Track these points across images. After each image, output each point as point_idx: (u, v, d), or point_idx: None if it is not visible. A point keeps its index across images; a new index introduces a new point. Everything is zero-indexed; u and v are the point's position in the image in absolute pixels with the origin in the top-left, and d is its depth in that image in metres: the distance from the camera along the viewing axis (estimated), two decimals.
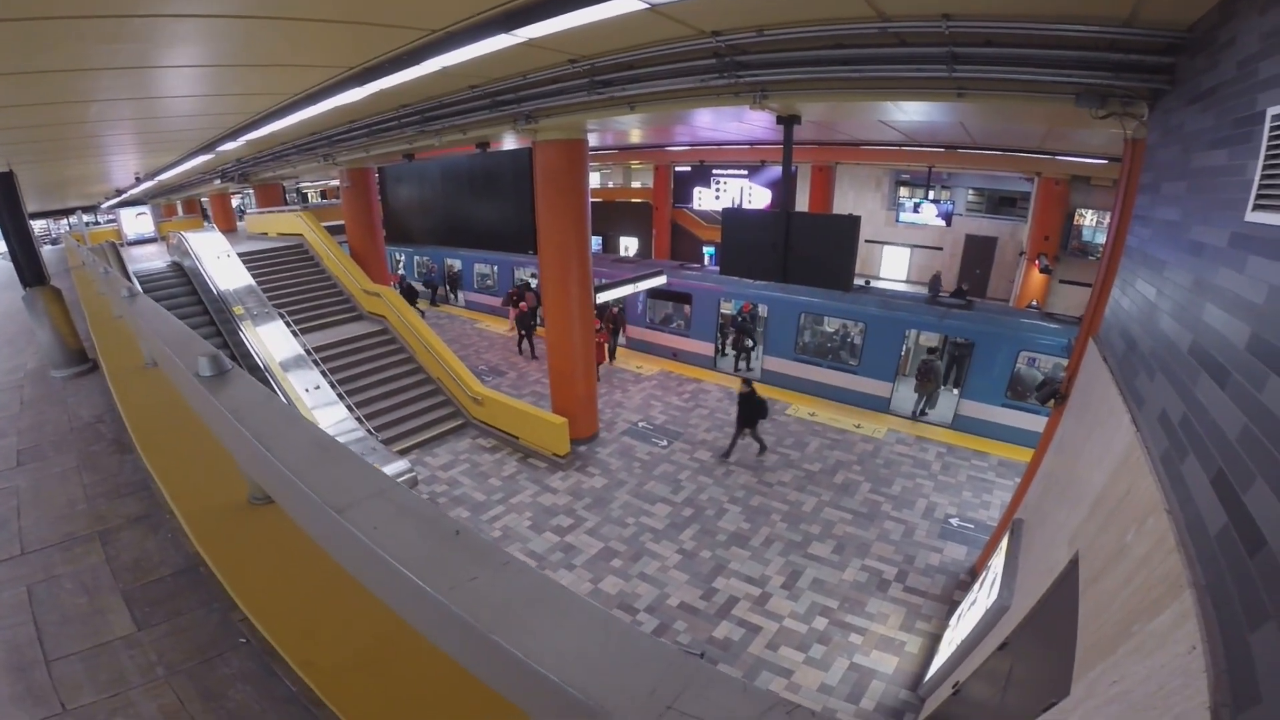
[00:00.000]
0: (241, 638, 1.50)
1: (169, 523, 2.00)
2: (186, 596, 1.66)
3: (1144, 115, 4.58)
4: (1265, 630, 1.58)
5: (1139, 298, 4.01)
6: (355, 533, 0.98)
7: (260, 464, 1.38)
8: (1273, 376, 1.96)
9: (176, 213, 29.76)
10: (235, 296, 12.08)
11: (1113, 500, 3.24)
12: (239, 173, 16.15)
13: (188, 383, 1.81)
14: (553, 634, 0.73)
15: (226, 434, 1.61)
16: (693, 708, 0.56)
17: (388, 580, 0.96)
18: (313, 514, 1.15)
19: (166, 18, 3.48)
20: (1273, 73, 2.51)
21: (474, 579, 0.83)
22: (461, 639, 0.82)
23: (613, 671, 0.65)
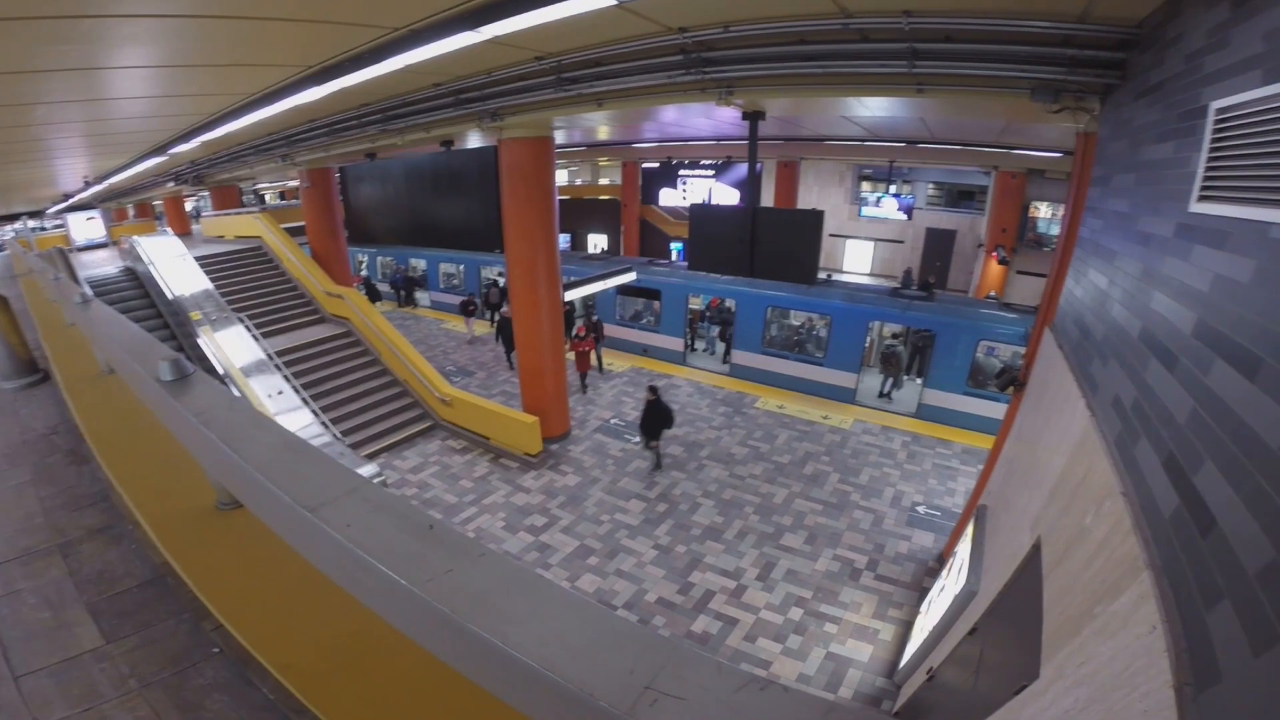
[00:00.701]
0: (215, 647, 1.47)
1: (132, 533, 1.93)
2: (155, 607, 1.61)
3: (1096, 110, 4.74)
4: (1220, 610, 1.64)
5: (1091, 287, 4.15)
6: (329, 531, 0.97)
7: (228, 468, 1.35)
8: (1218, 361, 2.05)
9: (128, 217, 28.54)
10: (192, 301, 11.66)
11: (1071, 484, 3.34)
12: (193, 175, 15.56)
13: (149, 388, 1.75)
14: (530, 621, 0.73)
15: (191, 439, 1.56)
16: (670, 686, 0.58)
17: (364, 578, 0.95)
18: (284, 515, 1.13)
19: (117, 18, 3.33)
20: (1217, 67, 2.61)
21: (449, 571, 0.83)
22: (440, 632, 0.82)
23: (591, 655, 0.65)
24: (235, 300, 12.53)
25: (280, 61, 5.06)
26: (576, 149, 18.90)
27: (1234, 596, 1.61)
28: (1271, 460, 1.62)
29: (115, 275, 13.32)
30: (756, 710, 0.55)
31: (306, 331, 12.72)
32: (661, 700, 0.57)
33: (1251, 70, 2.24)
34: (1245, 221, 2.08)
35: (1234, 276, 2.09)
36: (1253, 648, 1.46)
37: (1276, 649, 1.37)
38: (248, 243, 15.12)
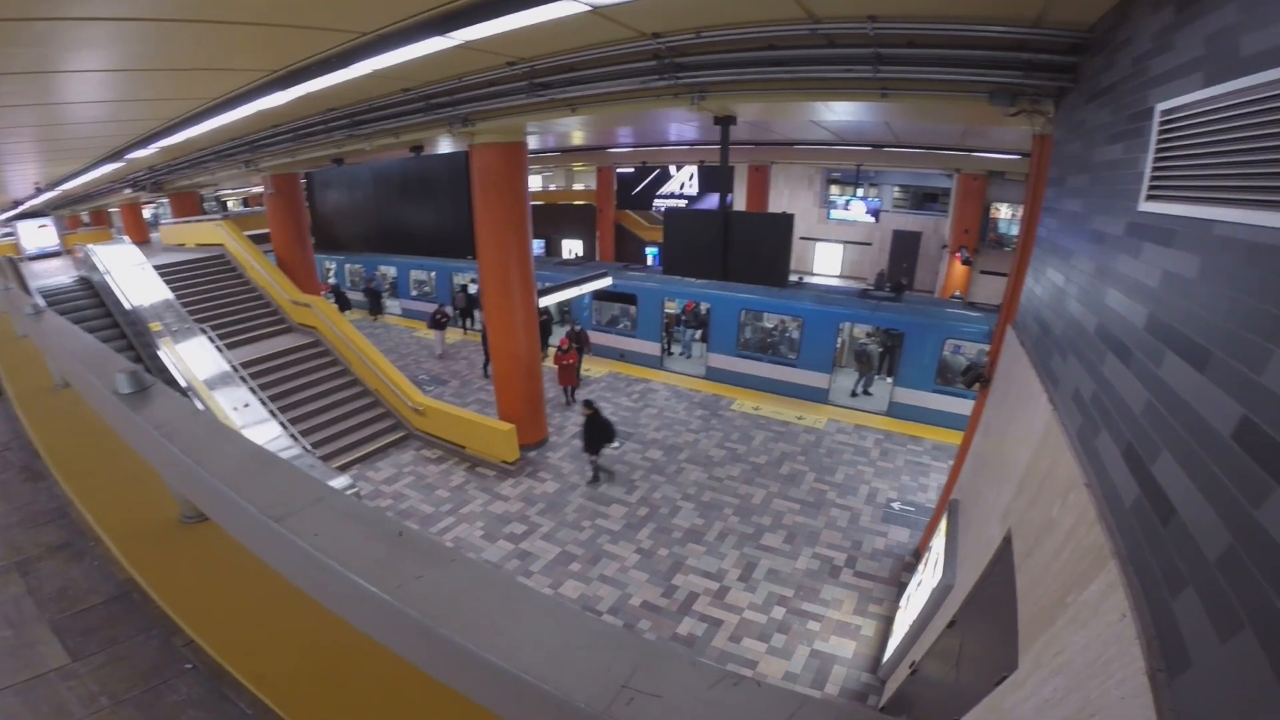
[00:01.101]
0: (187, 663, 1.44)
1: (93, 549, 1.87)
2: (122, 624, 1.57)
3: (1050, 112, 4.90)
4: (1185, 596, 1.68)
5: (1050, 285, 4.28)
6: (296, 541, 0.96)
7: (191, 480, 1.33)
8: (1169, 354, 2.14)
9: (83, 224, 27.53)
10: (152, 312, 11.28)
11: (1037, 477, 3.41)
12: (152, 181, 15.09)
13: (106, 402, 1.70)
14: (504, 624, 0.73)
15: (153, 453, 1.53)
16: (646, 684, 0.59)
17: (334, 586, 0.94)
18: (250, 526, 1.12)
19: (72, 21, 3.23)
20: (1162, 70, 2.71)
21: (420, 577, 0.83)
22: (412, 638, 0.82)
23: (566, 656, 0.66)
24: (197, 310, 12.18)
25: (244, 66, 4.96)
26: (550, 154, 18.85)
27: (1197, 583, 1.65)
28: (1224, 448, 1.68)
29: (69, 285, 12.82)
30: (732, 705, 0.56)
31: (273, 341, 12.41)
32: (638, 699, 0.57)
33: (1194, 73, 2.34)
34: (1191, 219, 2.18)
35: (1182, 273, 2.18)
36: (1219, 634, 1.49)
37: (1242, 635, 1.40)
38: (210, 251, 14.71)
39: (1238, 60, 2.01)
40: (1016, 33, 4.32)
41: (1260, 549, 1.44)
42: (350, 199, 12.32)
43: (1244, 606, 1.44)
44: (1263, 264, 1.72)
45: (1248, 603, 1.43)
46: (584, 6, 3.79)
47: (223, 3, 3.32)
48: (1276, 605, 1.33)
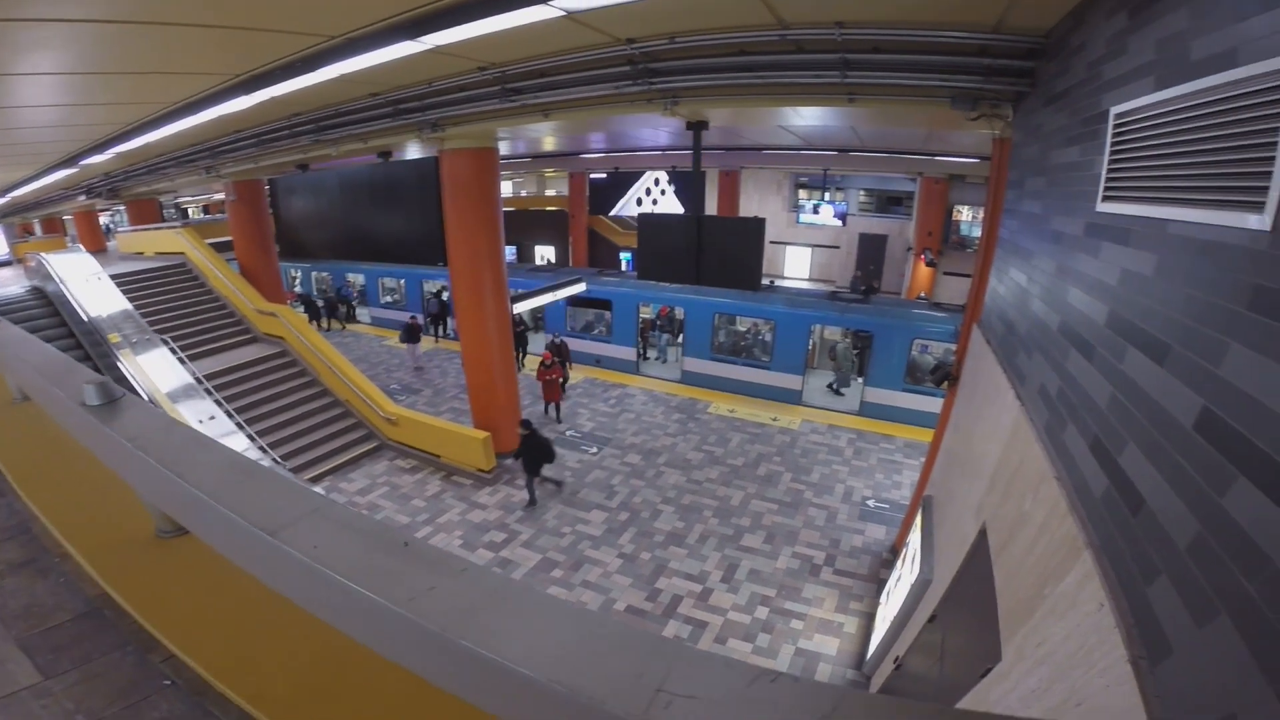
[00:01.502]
0: (166, 680, 1.39)
1: (60, 566, 1.80)
2: (95, 640, 1.51)
3: (1009, 116, 5.05)
4: (1159, 584, 1.73)
5: (1013, 284, 4.40)
6: (295, 554, 0.92)
7: (170, 493, 1.27)
8: (1130, 349, 2.22)
9: (34, 232, 26.37)
10: (110, 323, 10.86)
11: (1008, 472, 3.49)
12: (107, 188, 14.54)
13: (72, 415, 1.63)
14: (526, 633, 0.71)
15: (126, 465, 1.46)
16: (682, 687, 0.57)
17: (337, 600, 0.90)
18: (240, 540, 1.06)
19: (22, 22, 3.10)
20: (1116, 74, 2.80)
21: (432, 589, 0.80)
22: (429, 650, 0.79)
23: (595, 662, 0.64)
24: (158, 321, 11.75)
25: (205, 69, 4.82)
26: (521, 159, 18.75)
27: (1170, 571, 1.70)
28: (1187, 439, 1.75)
29: (21, 295, 12.24)
30: (773, 702, 0.55)
31: (238, 352, 12.04)
32: (676, 701, 0.56)
33: (1146, 77, 2.43)
34: (1146, 219, 2.27)
35: (1139, 270, 2.27)
36: (1196, 620, 1.54)
37: (1219, 620, 1.45)
38: (170, 259, 14.20)
39: (1188, 64, 2.10)
40: (977, 38, 4.44)
41: (1228, 535, 1.49)
42: (316, 205, 12.05)
43: (1217, 592, 1.49)
44: (1215, 260, 1.79)
45: (1220, 588, 1.48)
46: (558, 11, 3.79)
47: (184, 5, 3.23)
48: (1248, 590, 1.38)
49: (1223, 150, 1.84)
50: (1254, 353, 1.55)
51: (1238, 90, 1.76)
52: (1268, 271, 1.55)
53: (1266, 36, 1.67)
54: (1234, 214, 1.71)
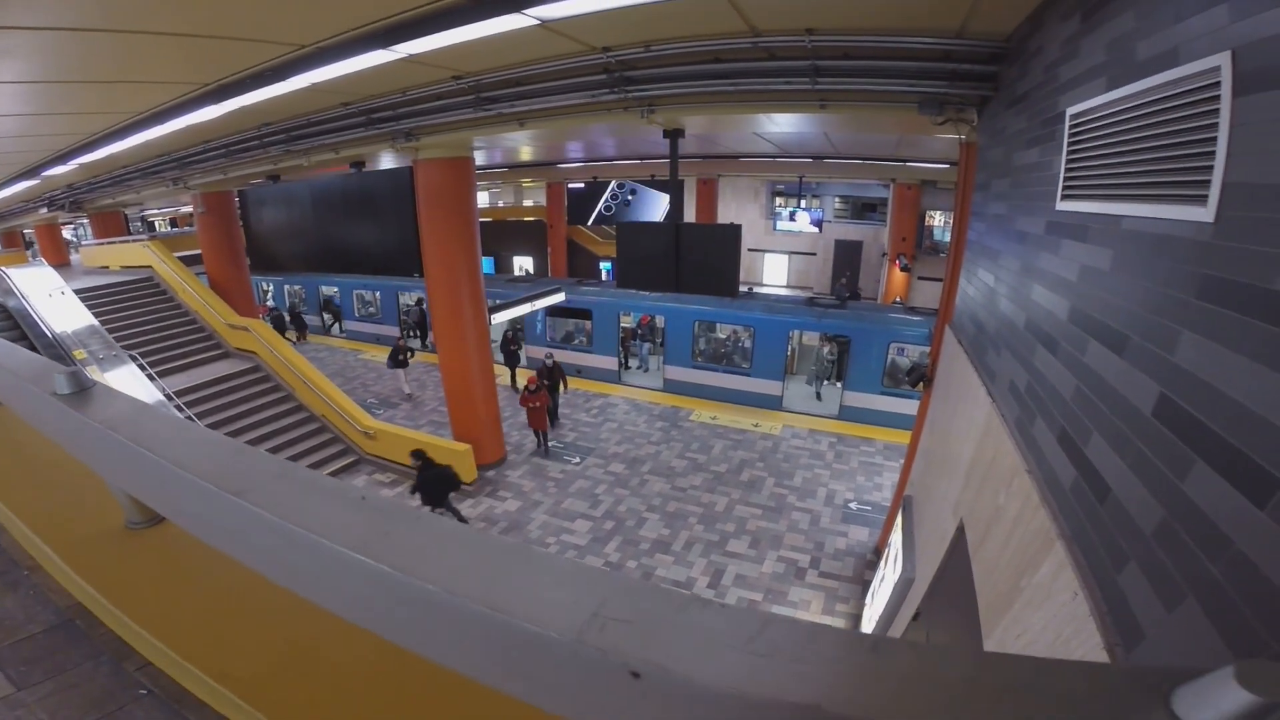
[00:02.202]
0: (141, 689, 1.36)
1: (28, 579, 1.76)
2: (67, 652, 1.48)
3: (974, 120, 5.16)
4: (1129, 571, 1.77)
5: (981, 285, 4.49)
6: (259, 512, 0.94)
7: (141, 473, 1.27)
8: (1092, 342, 2.29)
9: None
10: (75, 339, 10.56)
11: (982, 467, 3.55)
12: (70, 200, 14.20)
13: (44, 407, 1.60)
14: (473, 570, 0.73)
15: (97, 451, 1.45)
16: (617, 612, 0.60)
17: (300, 559, 0.92)
18: (208, 507, 1.08)
19: None
20: (1071, 76, 2.88)
21: (387, 534, 0.83)
22: (382, 596, 0.81)
23: (537, 593, 0.67)
24: (125, 337, 11.48)
25: (173, 78, 4.76)
26: (498, 169, 18.73)
27: (1138, 557, 1.74)
28: (1147, 426, 1.80)
29: None
30: (700, 625, 0.58)
31: (209, 368, 11.79)
32: (610, 624, 0.59)
33: (1099, 77, 2.52)
34: (1101, 216, 2.35)
35: (1097, 265, 2.34)
36: (1165, 604, 1.58)
37: (1186, 603, 1.49)
38: (136, 273, 13.90)
39: (1135, 65, 2.18)
40: (942, 44, 4.54)
41: (1190, 519, 1.54)
42: (288, 217, 11.86)
43: (1183, 576, 1.53)
44: (1165, 253, 1.86)
45: (1186, 572, 1.52)
46: (533, 21, 3.81)
47: (151, 13, 3.19)
48: (1212, 572, 1.42)
49: (1168, 146, 1.91)
50: (1204, 339, 1.61)
51: (1179, 88, 1.83)
52: (1213, 261, 1.62)
53: (1204, 35, 1.75)
54: (1180, 208, 1.78)
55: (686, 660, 0.55)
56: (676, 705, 0.56)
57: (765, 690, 0.52)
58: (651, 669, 0.55)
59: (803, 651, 0.55)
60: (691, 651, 0.56)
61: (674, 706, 0.56)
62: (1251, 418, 1.39)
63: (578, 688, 0.62)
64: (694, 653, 0.56)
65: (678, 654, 0.56)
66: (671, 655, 0.56)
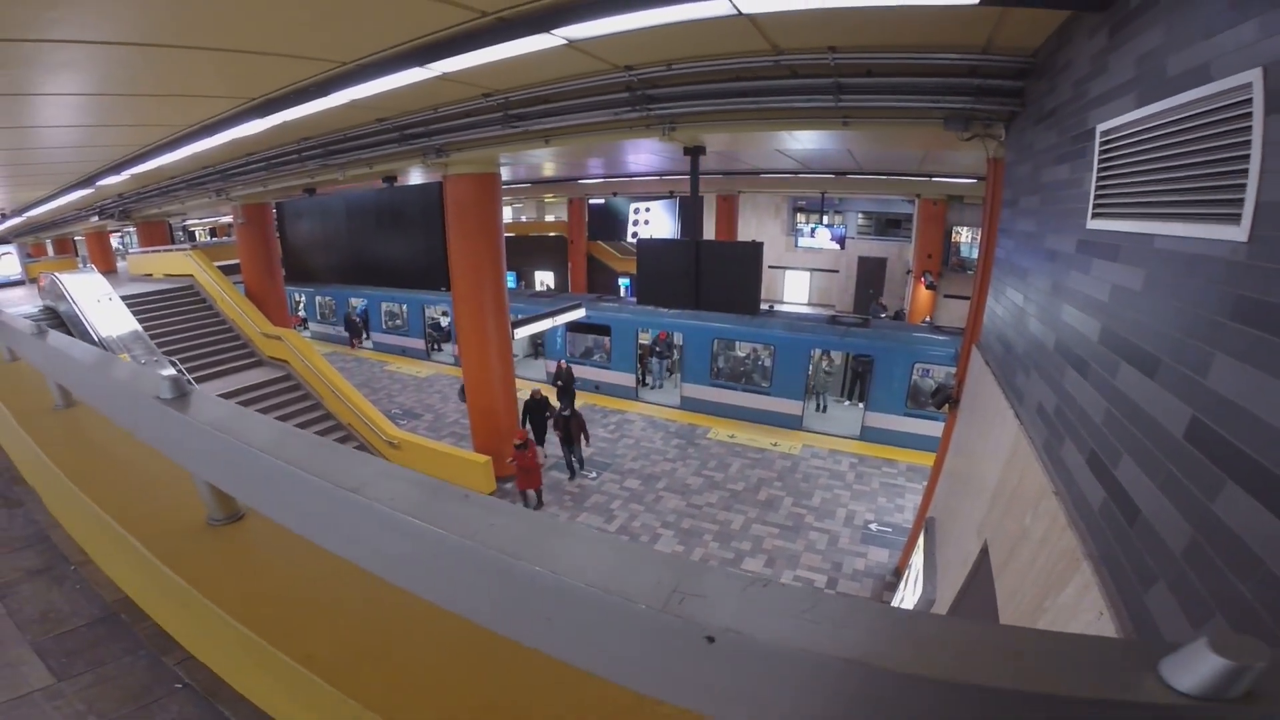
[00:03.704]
0: (178, 682, 1.41)
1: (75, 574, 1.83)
2: (108, 645, 1.55)
3: (1002, 136, 5.09)
4: (1156, 590, 1.76)
5: (1010, 304, 4.43)
6: (376, 506, 1.03)
7: (251, 472, 1.36)
8: (1123, 364, 2.25)
9: (46, 252, 26.73)
10: (120, 344, 10.95)
11: (1009, 489, 3.51)
12: (120, 209, 14.82)
13: (146, 409, 1.70)
14: (569, 555, 0.84)
15: (203, 452, 1.55)
16: (692, 589, 0.72)
17: (408, 547, 1.02)
18: (321, 503, 1.18)
19: (54, 43, 3.21)
20: (1100, 92, 2.85)
21: (492, 525, 0.93)
22: (492, 579, 0.90)
23: (624, 573, 0.78)
24: (166, 343, 11.86)
25: (221, 93, 4.98)
26: (521, 185, 19.08)
27: (1166, 576, 1.73)
28: (1177, 448, 1.78)
29: (36, 315, 12.40)
30: (762, 600, 0.69)
31: (243, 375, 12.12)
32: (688, 599, 0.70)
33: (1128, 94, 2.49)
34: (1133, 235, 2.31)
35: (1128, 285, 2.31)
36: (1192, 622, 1.56)
37: (1213, 621, 1.48)
38: (178, 281, 14.38)
39: (1165, 80, 2.16)
40: (967, 59, 4.51)
41: (1220, 539, 1.52)
42: (322, 229, 12.20)
43: (1211, 594, 1.52)
44: (1198, 273, 1.84)
45: (1214, 590, 1.51)
46: (560, 41, 3.92)
47: (205, 29, 3.36)
48: (1240, 590, 1.40)
49: (1200, 164, 1.89)
50: (1237, 361, 1.58)
51: (1211, 105, 1.81)
52: (1246, 281, 1.59)
53: (1235, 51, 1.73)
54: (1213, 227, 1.75)
55: (753, 626, 0.66)
56: (745, 664, 0.67)
57: (819, 647, 0.63)
58: (724, 634, 0.67)
59: (849, 619, 0.66)
60: (756, 619, 0.67)
61: (742, 665, 0.67)
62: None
63: (659, 654, 0.73)
64: (758, 620, 0.67)
65: (745, 621, 0.67)
66: (740, 622, 0.67)
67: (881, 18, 3.82)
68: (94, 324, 11.31)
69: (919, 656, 0.60)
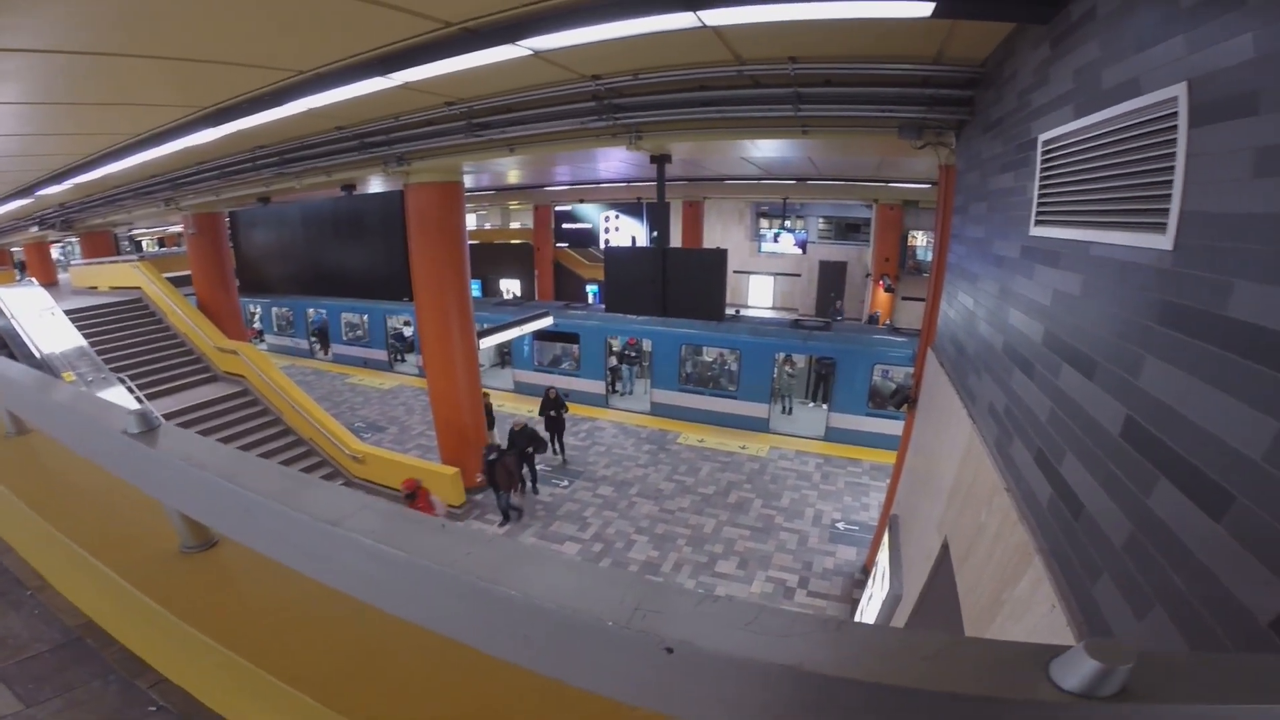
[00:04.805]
0: (152, 705, 1.38)
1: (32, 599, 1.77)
2: (75, 670, 1.51)
3: (952, 144, 5.26)
4: (1102, 582, 1.84)
5: (961, 308, 4.58)
6: (359, 539, 1.07)
7: (227, 505, 1.37)
8: (1064, 365, 2.37)
9: None
10: (64, 360, 10.39)
11: (965, 486, 3.63)
12: (62, 219, 14.12)
13: (110, 443, 1.67)
14: (541, 578, 0.91)
15: (175, 485, 1.55)
16: (652, 606, 0.80)
17: (390, 576, 1.06)
18: (302, 535, 1.20)
19: None
20: (1042, 102, 2.96)
21: (469, 553, 0.99)
22: (470, 602, 0.96)
23: (591, 593, 0.85)
24: (114, 359, 11.33)
25: (172, 101, 4.81)
26: (485, 192, 18.88)
27: (1110, 569, 1.81)
28: (1115, 446, 1.88)
29: None
30: (712, 614, 0.77)
31: (198, 391, 11.67)
32: (649, 615, 0.78)
33: (1067, 105, 2.60)
34: (1072, 242, 2.43)
35: (1068, 291, 2.43)
36: (1135, 613, 1.64)
37: (1154, 612, 1.55)
38: (126, 294, 13.72)
39: (1101, 93, 2.26)
40: (920, 70, 4.64)
41: (1156, 533, 1.61)
42: (278, 239, 11.83)
43: (1151, 586, 1.60)
44: (1130, 280, 1.95)
45: (1153, 583, 1.59)
46: (526, 51, 3.92)
47: (153, 38, 3.26)
48: (1177, 582, 1.49)
49: (1130, 175, 1.99)
50: (1166, 364, 1.68)
51: (1141, 117, 1.91)
52: (1172, 288, 1.70)
53: (1163, 66, 1.83)
54: (1142, 235, 1.86)
55: (704, 638, 0.75)
56: (699, 671, 0.75)
57: (761, 655, 0.71)
58: (680, 645, 0.75)
59: (786, 629, 0.74)
60: (707, 632, 0.75)
61: (696, 672, 0.76)
62: (1207, 436, 1.47)
63: (625, 664, 0.81)
64: (709, 633, 0.75)
65: (698, 634, 0.75)
66: (694, 635, 0.75)
67: (839, 29, 3.90)
68: (35, 340, 10.72)
69: (847, 661, 0.69)
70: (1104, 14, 2.32)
